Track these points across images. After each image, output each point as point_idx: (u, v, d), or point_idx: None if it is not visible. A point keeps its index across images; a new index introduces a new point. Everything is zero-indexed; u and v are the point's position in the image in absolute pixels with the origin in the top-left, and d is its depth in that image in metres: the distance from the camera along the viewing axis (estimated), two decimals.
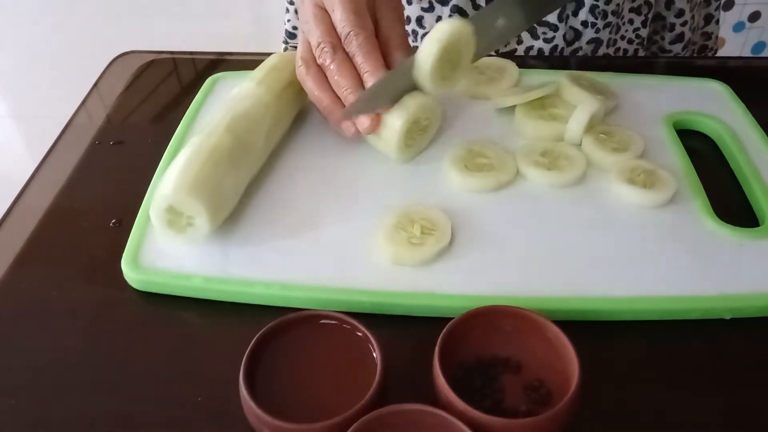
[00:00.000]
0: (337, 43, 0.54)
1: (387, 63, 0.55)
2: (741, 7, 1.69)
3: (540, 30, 0.74)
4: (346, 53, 0.54)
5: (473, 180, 0.53)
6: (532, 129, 0.58)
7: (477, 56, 0.57)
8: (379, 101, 0.54)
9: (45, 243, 0.53)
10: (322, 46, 0.54)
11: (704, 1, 0.80)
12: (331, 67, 0.54)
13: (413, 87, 0.55)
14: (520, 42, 0.75)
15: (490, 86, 0.63)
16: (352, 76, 0.54)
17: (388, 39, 0.56)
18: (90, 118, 0.67)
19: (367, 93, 0.53)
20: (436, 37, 0.52)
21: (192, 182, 0.47)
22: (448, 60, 0.54)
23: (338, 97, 0.55)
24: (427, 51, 0.52)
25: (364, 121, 0.54)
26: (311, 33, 0.55)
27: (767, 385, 0.42)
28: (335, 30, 0.55)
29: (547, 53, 0.75)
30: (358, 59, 0.54)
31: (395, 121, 0.54)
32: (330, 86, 0.55)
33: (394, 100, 0.54)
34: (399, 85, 0.54)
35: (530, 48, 0.76)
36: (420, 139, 0.57)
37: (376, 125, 0.54)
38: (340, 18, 0.54)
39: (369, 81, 0.53)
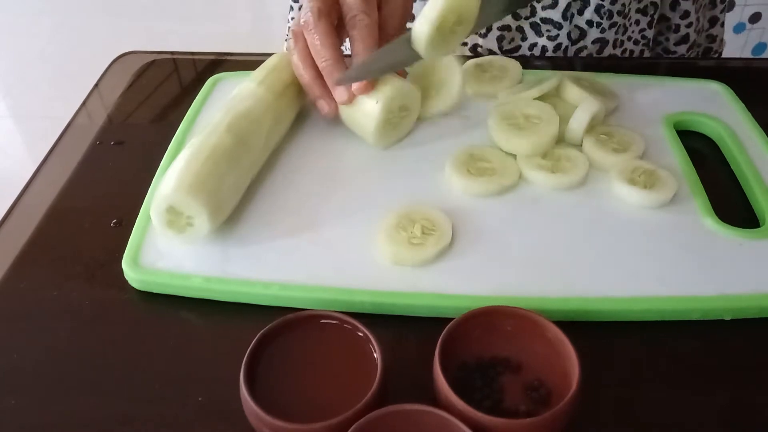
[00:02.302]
0: (324, 11, 0.54)
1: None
2: (741, 8, 1.69)
3: (544, 27, 0.74)
4: (332, 24, 0.55)
5: (476, 184, 0.53)
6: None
7: (478, 27, 0.56)
8: (371, 72, 0.54)
9: (45, 243, 0.53)
10: (309, 7, 0.55)
11: (710, 3, 0.80)
12: (313, 32, 0.55)
13: (408, 58, 0.54)
14: (524, 39, 0.75)
15: (493, 85, 0.63)
16: (334, 46, 0.55)
17: (384, 24, 0.57)
18: (90, 118, 0.67)
19: (360, 66, 0.54)
20: (431, 11, 0.51)
21: (192, 182, 0.47)
22: (447, 27, 0.52)
23: (319, 75, 0.56)
24: (424, 22, 0.51)
25: (342, 94, 0.55)
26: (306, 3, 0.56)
27: (767, 385, 0.42)
28: (328, 0, 0.55)
29: (551, 51, 0.75)
30: (355, 42, 0.54)
31: (372, 107, 0.54)
32: (313, 62, 0.56)
33: (387, 70, 0.55)
34: (394, 56, 0.54)
35: (534, 45, 0.75)
36: (400, 124, 0.58)
37: (352, 97, 0.55)
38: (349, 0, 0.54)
39: (355, 60, 0.54)
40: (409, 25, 0.56)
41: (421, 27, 0.51)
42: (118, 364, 0.44)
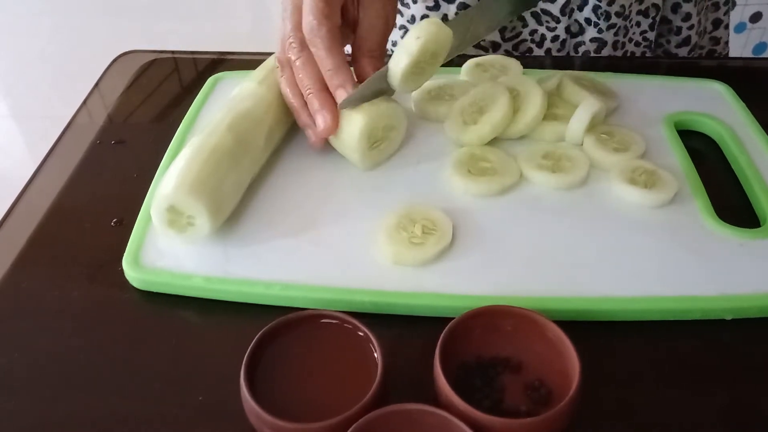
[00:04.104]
0: (305, 39, 0.53)
1: (355, 69, 0.55)
2: (742, 8, 1.69)
3: (543, 18, 0.74)
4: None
5: (477, 185, 0.53)
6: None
7: (451, 55, 0.56)
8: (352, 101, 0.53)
9: (46, 242, 0.53)
10: (290, 41, 0.53)
11: (712, 5, 0.80)
12: (297, 63, 0.53)
13: (382, 92, 0.54)
14: (525, 26, 0.75)
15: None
16: (315, 74, 0.53)
17: (362, 43, 0.55)
18: (91, 117, 0.67)
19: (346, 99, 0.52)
20: (408, 49, 0.51)
21: (193, 182, 0.47)
22: (422, 63, 0.53)
23: (306, 103, 0.55)
24: (400, 61, 0.52)
25: (321, 122, 0.53)
26: (283, 27, 0.54)
27: (767, 385, 0.42)
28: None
29: (549, 40, 0.75)
30: (320, 53, 0.52)
31: (353, 129, 0.53)
32: (299, 91, 0.55)
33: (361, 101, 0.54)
34: (368, 94, 0.53)
35: (534, 32, 0.75)
36: (385, 145, 0.56)
37: (335, 126, 0.53)
38: (306, 6, 0.52)
39: (331, 79, 0.52)
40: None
41: (397, 64, 0.52)
42: (118, 363, 0.44)
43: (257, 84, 0.57)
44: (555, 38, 0.75)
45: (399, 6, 0.78)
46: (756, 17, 1.71)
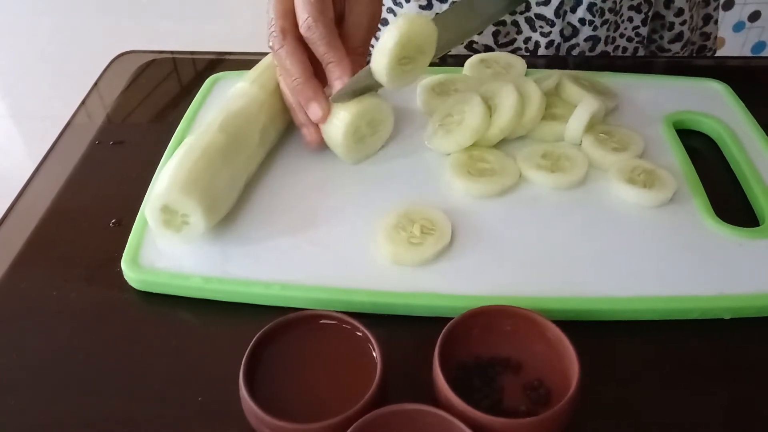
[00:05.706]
0: (288, 28, 0.52)
1: None
2: (741, 7, 1.69)
3: (537, 23, 0.74)
4: (299, 40, 0.53)
5: (477, 186, 0.53)
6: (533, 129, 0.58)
7: (440, 52, 0.56)
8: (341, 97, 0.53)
9: (45, 243, 0.53)
10: (271, 30, 0.53)
11: (703, 0, 0.80)
12: (280, 52, 0.53)
13: (373, 85, 0.54)
14: (519, 32, 0.75)
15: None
16: (303, 64, 0.53)
17: (347, 39, 0.55)
18: (90, 117, 0.67)
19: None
20: (391, 37, 0.50)
21: (184, 180, 0.47)
22: (406, 56, 0.52)
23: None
24: (382, 52, 0.50)
25: (315, 111, 0.53)
26: (267, 18, 0.54)
27: (767, 384, 0.42)
28: (290, 14, 0.53)
29: (543, 46, 0.75)
30: (321, 48, 0.52)
31: (338, 123, 0.53)
32: None
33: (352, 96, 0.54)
34: (357, 89, 0.53)
35: (528, 39, 0.75)
36: (373, 139, 0.57)
37: (327, 114, 0.53)
38: (299, 4, 0.52)
39: (333, 71, 0.52)
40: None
41: (379, 61, 0.51)
42: (118, 364, 0.44)
43: (249, 83, 0.57)
44: (550, 44, 0.75)
45: (392, 5, 0.78)
46: (755, 16, 1.71)
